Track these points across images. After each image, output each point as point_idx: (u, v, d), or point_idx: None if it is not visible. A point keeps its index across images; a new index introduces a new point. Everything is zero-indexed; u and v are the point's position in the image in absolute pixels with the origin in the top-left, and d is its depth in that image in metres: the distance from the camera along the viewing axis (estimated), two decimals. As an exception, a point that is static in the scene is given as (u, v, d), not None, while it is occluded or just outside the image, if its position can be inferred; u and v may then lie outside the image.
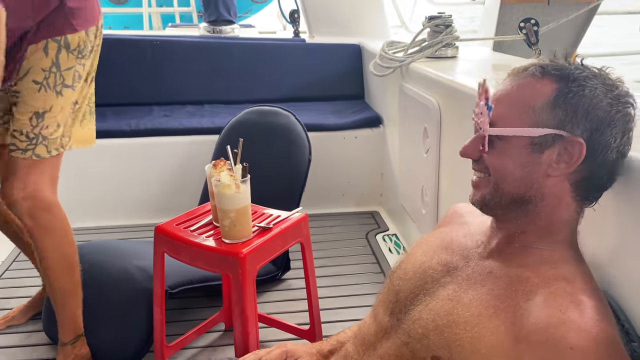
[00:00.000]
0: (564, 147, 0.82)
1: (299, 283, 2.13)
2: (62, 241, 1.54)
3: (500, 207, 0.88)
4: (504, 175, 0.86)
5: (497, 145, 0.86)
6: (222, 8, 3.40)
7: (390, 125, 2.78)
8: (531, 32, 2.21)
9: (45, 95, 1.46)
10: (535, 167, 0.83)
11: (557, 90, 0.82)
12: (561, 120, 0.81)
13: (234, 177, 1.39)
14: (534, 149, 0.83)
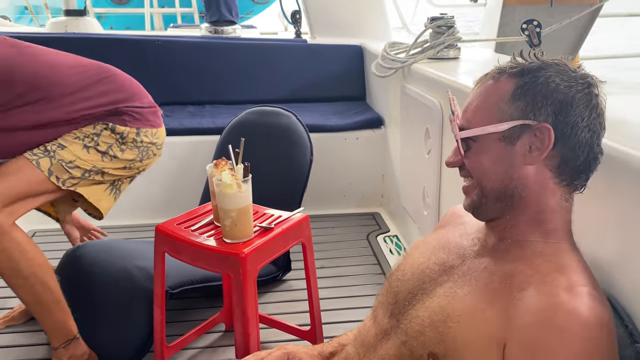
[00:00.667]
0: (533, 134, 0.85)
1: (300, 284, 2.13)
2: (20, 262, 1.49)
3: (488, 207, 0.91)
4: (484, 173, 0.89)
5: (472, 146, 0.90)
6: (224, 8, 3.40)
7: (391, 126, 2.78)
8: (533, 33, 2.21)
9: (78, 144, 1.60)
10: (511, 159, 0.87)
11: (515, 84, 0.86)
12: (523, 110, 0.85)
13: (235, 177, 1.38)
14: (506, 142, 0.86)
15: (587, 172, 0.88)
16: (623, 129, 1.07)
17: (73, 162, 1.59)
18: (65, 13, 3.58)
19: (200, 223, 1.52)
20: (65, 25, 3.47)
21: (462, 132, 0.90)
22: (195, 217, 1.56)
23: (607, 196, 0.95)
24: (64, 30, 3.45)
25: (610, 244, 0.96)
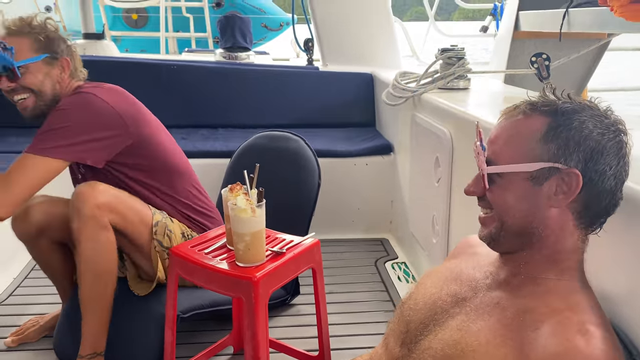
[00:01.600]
0: (561, 178, 0.85)
1: (308, 309, 2.14)
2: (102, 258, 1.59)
3: (507, 240, 0.91)
4: (507, 209, 0.89)
5: (497, 181, 0.90)
6: (239, 35, 3.48)
7: (401, 153, 2.81)
8: (542, 66, 2.26)
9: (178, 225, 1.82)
10: (536, 199, 0.87)
11: (548, 124, 0.86)
12: (555, 153, 0.85)
13: (249, 202, 1.41)
14: (533, 182, 0.86)
15: (605, 217, 0.89)
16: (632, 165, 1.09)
17: (170, 233, 1.74)
18: (84, 36, 3.68)
19: (214, 246, 1.55)
20: (84, 48, 3.57)
21: (491, 167, 0.90)
22: (208, 240, 1.59)
23: (619, 232, 0.96)
24: (82, 53, 3.48)
25: (621, 278, 0.97)
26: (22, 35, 1.62)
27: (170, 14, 5.86)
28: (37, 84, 1.63)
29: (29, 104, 1.64)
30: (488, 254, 1.03)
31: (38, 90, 1.63)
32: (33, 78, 1.62)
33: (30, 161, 1.53)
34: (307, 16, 3.68)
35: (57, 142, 1.55)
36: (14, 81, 1.60)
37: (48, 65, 1.65)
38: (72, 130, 1.58)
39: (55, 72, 1.67)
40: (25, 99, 1.63)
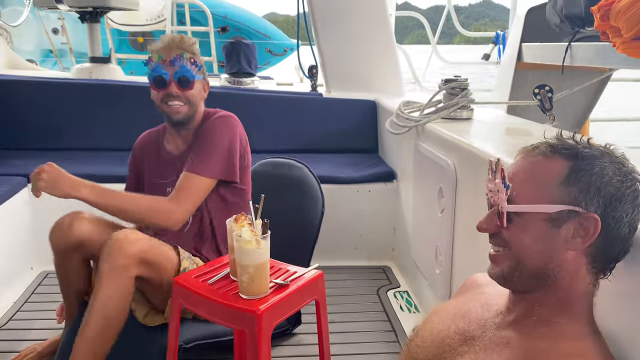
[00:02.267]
0: (579, 222, 0.85)
1: (310, 338, 2.12)
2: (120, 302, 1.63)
3: (521, 280, 0.90)
4: (524, 249, 0.89)
5: (515, 220, 0.89)
6: (244, 61, 3.52)
7: (404, 180, 2.82)
8: (545, 98, 2.28)
9: None
10: (553, 241, 0.87)
11: (570, 168, 0.86)
12: (575, 196, 0.85)
13: (254, 233, 1.41)
14: (552, 224, 0.86)
15: (616, 263, 0.90)
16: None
17: None
18: (91, 60, 3.71)
19: (217, 277, 1.54)
20: (90, 71, 3.60)
21: (511, 205, 0.89)
22: (212, 271, 1.59)
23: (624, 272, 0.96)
24: (88, 76, 3.57)
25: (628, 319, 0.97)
26: (194, 53, 1.88)
27: (175, 38, 5.93)
28: (195, 97, 1.88)
29: (183, 110, 1.87)
30: (497, 293, 1.02)
31: (194, 103, 1.88)
32: (196, 92, 1.88)
33: (196, 181, 1.79)
34: (311, 43, 3.72)
35: (217, 165, 1.82)
36: (183, 91, 1.84)
37: (200, 83, 1.91)
38: (227, 152, 1.85)
39: (202, 91, 1.93)
40: (181, 106, 1.86)
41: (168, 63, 1.82)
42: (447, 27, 5.48)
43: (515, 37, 3.00)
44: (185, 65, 1.82)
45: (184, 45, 1.86)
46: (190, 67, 1.84)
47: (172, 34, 2.03)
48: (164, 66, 1.82)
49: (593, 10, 1.97)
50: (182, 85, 1.84)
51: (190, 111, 1.88)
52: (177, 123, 1.90)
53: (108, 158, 3.03)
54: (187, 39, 1.90)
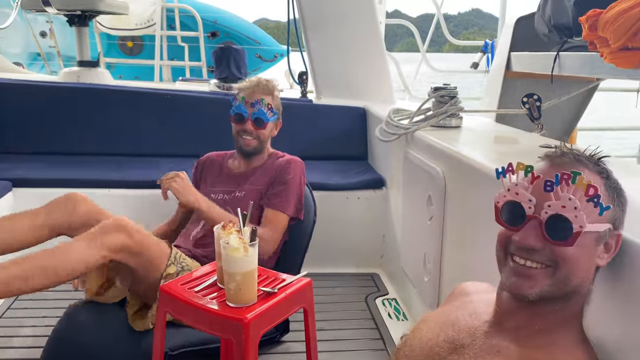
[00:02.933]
0: (610, 237, 0.88)
1: (298, 346, 2.10)
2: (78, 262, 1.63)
3: (555, 298, 0.87)
4: (577, 268, 0.86)
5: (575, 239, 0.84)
6: (234, 67, 3.51)
7: (393, 187, 2.82)
8: (534, 107, 2.29)
9: None
10: (594, 257, 0.88)
11: (606, 185, 0.88)
12: (615, 215, 0.88)
13: (242, 240, 1.40)
14: (597, 242, 0.87)
15: None
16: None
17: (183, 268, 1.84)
18: (79, 64, 3.68)
19: (204, 284, 1.52)
20: (78, 75, 3.57)
21: (592, 225, 0.84)
22: (199, 278, 1.57)
23: (612, 281, 0.97)
24: (76, 80, 3.54)
25: (614, 328, 0.97)
26: (273, 99, 2.21)
27: (165, 43, 5.90)
28: (265, 136, 2.21)
29: (253, 144, 2.19)
30: (485, 302, 1.02)
31: (263, 140, 2.20)
32: (266, 132, 2.21)
33: (281, 217, 2.10)
34: (301, 49, 3.72)
35: (294, 205, 2.13)
36: (257, 129, 2.16)
37: (273, 124, 2.24)
38: (300, 194, 2.16)
39: (274, 129, 2.26)
40: (252, 140, 2.18)
41: (249, 104, 2.14)
42: (437, 35, 5.51)
43: (504, 46, 3.02)
44: (262, 109, 2.14)
45: (267, 90, 2.19)
46: (267, 111, 2.15)
47: (259, 78, 2.29)
48: (246, 106, 2.15)
49: (581, 21, 1.99)
50: (257, 124, 2.16)
51: (260, 146, 2.20)
52: (247, 153, 2.21)
53: (95, 163, 3.00)
54: (271, 85, 2.23)
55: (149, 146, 3.25)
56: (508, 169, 0.90)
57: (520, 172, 0.88)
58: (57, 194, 1.96)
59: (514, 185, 0.88)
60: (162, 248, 1.79)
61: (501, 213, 0.91)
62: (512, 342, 0.89)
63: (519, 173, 0.89)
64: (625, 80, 2.40)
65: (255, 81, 2.24)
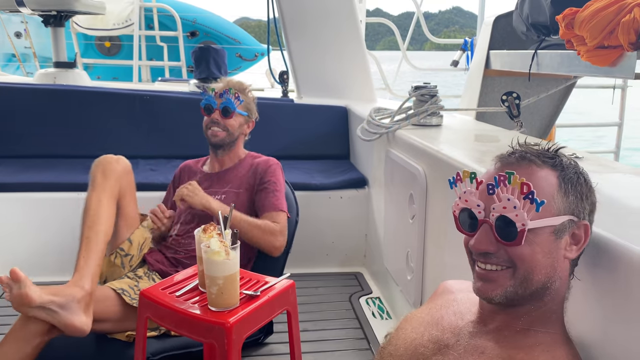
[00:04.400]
0: (573, 230, 0.87)
1: (282, 348, 2.09)
2: None
3: (523, 298, 0.87)
4: (534, 265, 0.85)
5: (526, 237, 0.85)
6: (213, 67, 3.47)
7: (375, 186, 2.82)
8: (513, 105, 2.31)
9: None
10: (556, 252, 0.87)
11: (559, 177, 0.88)
12: (572, 206, 0.87)
13: (223, 244, 1.38)
14: (556, 235, 0.86)
15: None
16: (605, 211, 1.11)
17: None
18: (55, 65, 3.62)
19: (185, 288, 1.50)
20: (54, 76, 3.51)
21: (534, 221, 0.84)
22: (180, 282, 1.55)
23: (592, 279, 0.97)
24: (52, 82, 3.48)
25: (593, 323, 0.98)
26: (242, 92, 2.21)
27: (144, 43, 5.83)
28: (233, 127, 2.19)
29: (221, 135, 2.17)
30: (469, 301, 1.02)
31: (231, 132, 2.18)
32: (235, 124, 2.19)
33: (283, 215, 2.10)
34: (282, 48, 3.70)
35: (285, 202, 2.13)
36: (224, 119, 2.16)
37: (243, 119, 2.23)
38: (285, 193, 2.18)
39: (245, 127, 2.26)
40: (219, 132, 2.17)
41: (217, 95, 2.17)
42: (418, 33, 5.53)
43: (483, 44, 3.04)
44: (230, 98, 2.15)
45: (238, 88, 2.21)
46: (234, 100, 2.16)
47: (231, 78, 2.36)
48: (215, 97, 2.18)
49: (558, 19, 2.01)
50: (224, 113, 2.16)
51: (228, 138, 2.19)
52: (215, 145, 2.20)
53: (72, 166, 2.95)
54: (243, 85, 2.27)
55: (128, 148, 3.18)
56: (457, 178, 0.91)
57: (466, 180, 0.89)
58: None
59: (464, 193, 0.90)
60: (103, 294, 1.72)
61: (459, 221, 0.92)
62: (495, 342, 0.89)
63: (465, 181, 0.90)
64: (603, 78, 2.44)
65: (226, 80, 2.28)
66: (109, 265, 1.92)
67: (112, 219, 1.81)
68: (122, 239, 1.94)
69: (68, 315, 1.52)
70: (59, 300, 1.51)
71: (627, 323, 0.88)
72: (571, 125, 5.41)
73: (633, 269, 0.86)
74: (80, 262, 1.63)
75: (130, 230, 1.97)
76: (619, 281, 0.90)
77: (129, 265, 1.94)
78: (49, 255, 2.67)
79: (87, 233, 1.70)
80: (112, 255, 1.92)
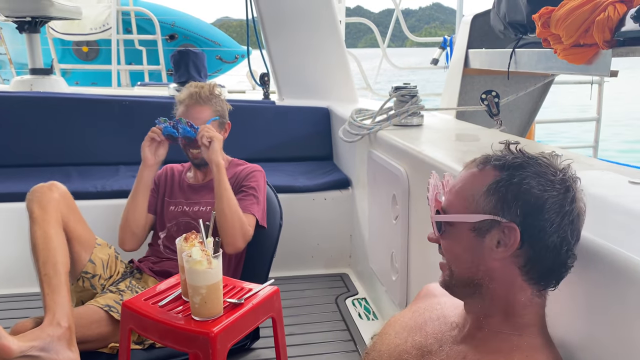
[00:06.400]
0: (501, 231, 0.86)
1: (268, 353, 2.08)
2: None
3: (458, 289, 0.94)
4: (454, 258, 0.92)
5: (448, 230, 0.93)
6: (193, 70, 3.45)
7: (358, 187, 2.82)
8: (492, 103, 2.33)
9: None
10: (480, 251, 0.88)
11: (494, 177, 0.88)
12: (494, 206, 0.86)
13: (205, 252, 1.37)
14: (476, 233, 0.88)
15: (556, 276, 0.88)
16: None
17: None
18: (31, 72, 3.56)
19: (168, 298, 1.49)
20: (31, 84, 3.45)
21: (438, 216, 0.94)
22: (163, 292, 1.53)
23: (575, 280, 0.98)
24: (29, 89, 3.42)
25: (576, 325, 0.99)
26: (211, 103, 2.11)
27: (122, 47, 5.76)
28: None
29: (200, 156, 2.07)
30: (452, 304, 1.03)
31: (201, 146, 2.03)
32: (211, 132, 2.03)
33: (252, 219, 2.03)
34: (261, 50, 3.69)
35: (261, 210, 2.09)
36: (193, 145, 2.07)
37: (219, 124, 2.15)
38: (264, 202, 2.12)
39: (222, 133, 2.16)
40: (198, 153, 2.08)
41: (172, 125, 2.06)
42: (399, 30, 5.55)
43: (462, 42, 3.06)
44: (185, 127, 2.03)
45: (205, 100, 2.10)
46: (190, 128, 2.04)
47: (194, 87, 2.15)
48: (171, 125, 2.06)
49: (534, 18, 2.02)
50: (188, 141, 2.06)
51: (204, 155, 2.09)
52: (198, 165, 2.16)
53: (51, 175, 2.89)
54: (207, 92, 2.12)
55: (108, 155, 3.16)
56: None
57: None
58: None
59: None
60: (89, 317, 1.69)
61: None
62: (475, 348, 0.89)
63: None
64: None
65: (190, 91, 2.13)
66: (77, 291, 1.87)
67: (64, 248, 1.70)
68: (83, 262, 1.84)
69: (53, 357, 1.46)
70: (39, 344, 1.45)
71: (609, 324, 0.89)
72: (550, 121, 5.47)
73: (615, 270, 0.87)
74: (47, 301, 1.55)
75: (88, 251, 1.86)
76: (601, 283, 0.91)
77: (100, 285, 1.87)
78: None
79: (44, 270, 1.60)
80: (78, 281, 1.85)
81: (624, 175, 1.40)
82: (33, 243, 1.66)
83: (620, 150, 9.55)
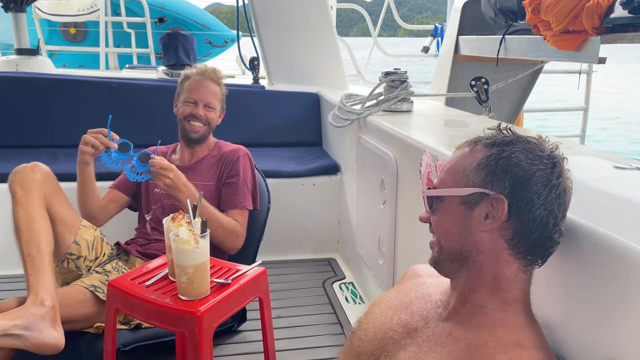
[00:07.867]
0: (490, 203, 0.88)
1: (255, 335, 2.09)
2: None
3: (446, 264, 0.95)
4: (444, 232, 0.94)
5: (439, 206, 0.95)
6: (182, 53, 3.41)
7: (347, 173, 2.83)
8: (482, 90, 2.33)
9: None
10: (468, 223, 0.90)
11: (485, 154, 0.90)
12: (483, 179, 0.89)
13: (193, 232, 1.37)
14: (466, 207, 0.90)
15: (542, 250, 0.89)
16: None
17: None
18: (17, 52, 3.50)
19: (155, 278, 1.49)
20: (17, 64, 3.40)
21: (429, 190, 0.97)
22: (149, 272, 1.53)
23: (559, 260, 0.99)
24: (15, 70, 3.37)
25: (558, 304, 1.00)
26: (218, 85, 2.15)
27: (110, 29, 5.67)
28: (215, 121, 2.14)
29: (201, 131, 2.12)
30: (438, 284, 1.04)
31: (211, 127, 2.14)
32: (215, 115, 2.14)
33: (245, 214, 2.08)
34: (252, 34, 3.66)
35: (252, 196, 2.11)
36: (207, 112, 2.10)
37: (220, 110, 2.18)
38: (254, 186, 2.13)
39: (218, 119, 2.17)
40: (201, 127, 2.11)
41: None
42: (391, 19, 5.52)
43: (452, 30, 3.06)
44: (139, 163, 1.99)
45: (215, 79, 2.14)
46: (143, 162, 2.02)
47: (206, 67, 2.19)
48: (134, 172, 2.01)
49: (525, 5, 2.03)
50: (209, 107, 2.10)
51: (207, 132, 2.15)
52: (193, 141, 2.14)
53: (37, 156, 2.84)
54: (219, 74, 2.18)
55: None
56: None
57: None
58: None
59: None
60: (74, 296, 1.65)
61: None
62: (460, 324, 0.90)
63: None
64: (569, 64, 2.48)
65: (202, 69, 2.16)
66: (62, 272, 1.85)
67: (47, 228, 1.66)
68: (68, 244, 1.80)
69: (37, 335, 1.44)
70: (22, 323, 1.43)
71: (592, 304, 0.90)
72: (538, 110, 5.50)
73: (598, 250, 0.88)
74: (31, 281, 1.53)
75: (72, 232, 1.82)
76: (584, 262, 0.92)
77: (86, 267, 1.85)
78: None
79: (27, 250, 1.57)
80: (63, 263, 1.82)
81: (609, 161, 1.42)
82: (16, 224, 1.64)
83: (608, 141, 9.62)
